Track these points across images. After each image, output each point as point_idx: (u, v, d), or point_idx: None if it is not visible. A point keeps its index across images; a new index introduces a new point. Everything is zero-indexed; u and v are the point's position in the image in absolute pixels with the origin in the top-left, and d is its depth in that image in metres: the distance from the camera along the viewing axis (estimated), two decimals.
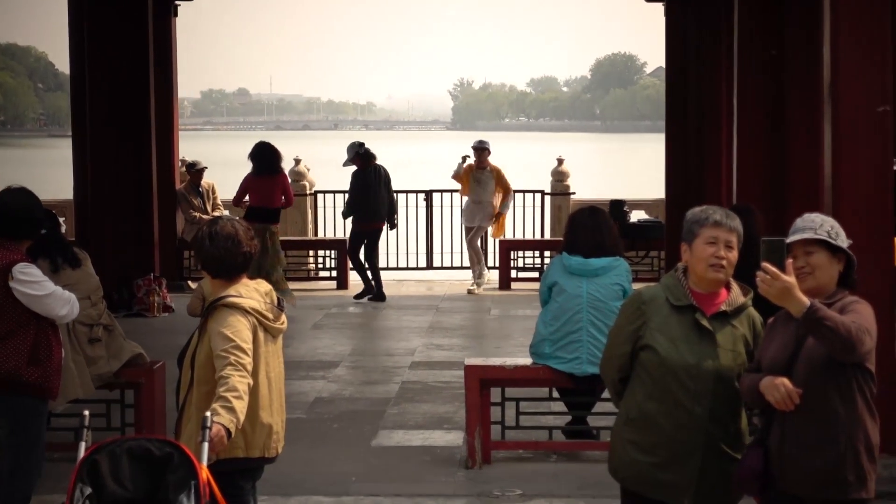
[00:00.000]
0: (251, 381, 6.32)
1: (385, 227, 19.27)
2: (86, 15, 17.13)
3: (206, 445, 5.68)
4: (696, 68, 18.50)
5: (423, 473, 9.64)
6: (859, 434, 5.65)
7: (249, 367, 6.33)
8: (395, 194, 19.62)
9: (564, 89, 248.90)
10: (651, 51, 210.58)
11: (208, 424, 5.73)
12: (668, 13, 19.97)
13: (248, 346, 6.39)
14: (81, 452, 5.48)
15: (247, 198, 17.37)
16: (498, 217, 19.75)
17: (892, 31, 9.52)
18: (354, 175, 18.81)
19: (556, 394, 10.18)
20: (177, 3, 20.70)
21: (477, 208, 19.58)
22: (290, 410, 11.60)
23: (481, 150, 19.69)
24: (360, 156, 18.61)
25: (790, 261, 5.59)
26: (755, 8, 12.91)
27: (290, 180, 18.17)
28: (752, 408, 6.00)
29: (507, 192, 19.90)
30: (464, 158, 19.98)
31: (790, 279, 5.46)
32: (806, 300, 5.42)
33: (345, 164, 18.79)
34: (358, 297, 18.71)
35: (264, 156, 17.17)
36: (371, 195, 18.54)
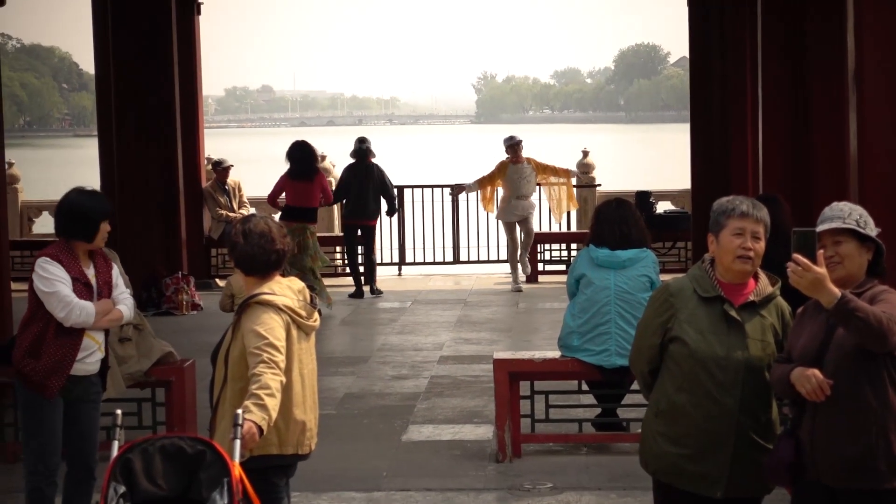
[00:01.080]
0: (284, 379, 6.32)
1: (379, 222, 19.50)
2: (109, 14, 17.18)
3: (237, 443, 5.67)
4: (720, 58, 18.47)
5: (454, 468, 9.65)
6: (891, 423, 5.62)
7: (282, 365, 6.33)
8: (393, 189, 19.53)
9: (588, 81, 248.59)
10: (675, 41, 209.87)
11: (240, 422, 5.72)
12: (691, 3, 19.92)
13: (282, 344, 6.38)
14: (115, 451, 5.47)
15: (282, 196, 17.40)
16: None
17: None
18: (346, 169, 18.94)
19: (585, 386, 10.17)
20: (199, 1, 20.75)
21: (518, 203, 19.09)
22: (321, 406, 11.62)
23: (516, 144, 19.30)
24: (356, 151, 18.77)
25: (821, 251, 5.59)
26: None
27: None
28: (783, 398, 5.99)
29: (560, 171, 19.70)
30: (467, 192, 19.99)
31: (822, 270, 5.44)
32: (837, 291, 5.42)
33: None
34: (352, 296, 18.75)
35: (302, 159, 17.10)
36: (360, 192, 18.57)
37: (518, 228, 19.20)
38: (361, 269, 18.86)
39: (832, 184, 11.01)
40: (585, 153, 22.64)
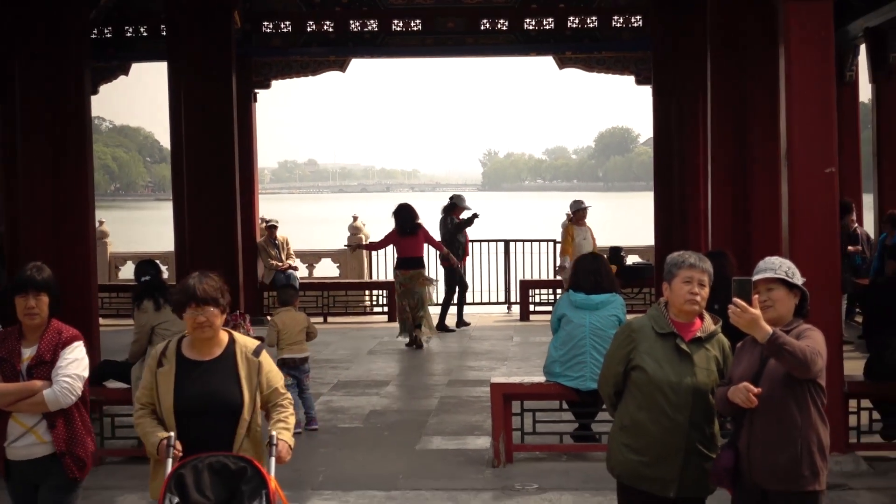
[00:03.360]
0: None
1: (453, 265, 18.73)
2: (182, 101, 17.27)
3: (272, 460, 5.62)
4: (679, 139, 18.47)
5: (458, 471, 9.62)
6: (813, 437, 5.65)
7: None
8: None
9: (573, 156, 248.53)
10: (643, 125, 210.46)
11: (275, 441, 5.64)
12: (654, 94, 19.99)
13: None
14: (169, 468, 5.43)
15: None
16: None
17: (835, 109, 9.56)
18: (445, 221, 18.56)
19: (565, 405, 10.13)
20: (256, 90, 20.87)
21: None
22: (349, 421, 11.78)
23: (584, 210, 18.55)
24: (455, 207, 18.59)
25: (756, 296, 5.64)
26: (724, 90, 12.91)
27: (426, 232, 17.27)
28: (724, 415, 5.99)
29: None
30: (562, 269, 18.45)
31: (756, 312, 5.53)
32: (769, 329, 5.49)
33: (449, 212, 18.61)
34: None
35: (405, 219, 16.75)
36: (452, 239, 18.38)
37: None
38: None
39: (768, 242, 10.99)
40: (569, 216, 22.60)
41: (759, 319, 5.52)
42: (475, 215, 18.76)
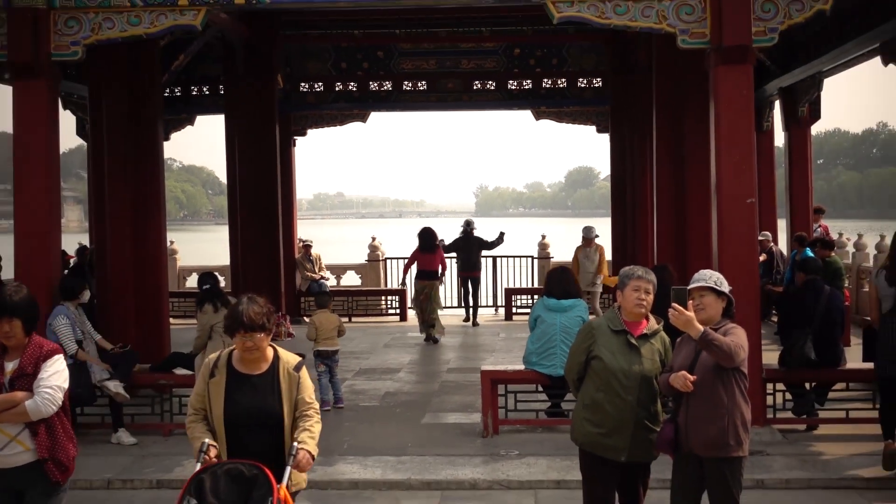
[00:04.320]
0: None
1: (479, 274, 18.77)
2: (236, 146, 17.32)
3: (288, 469, 5.02)
4: (630, 176, 18.52)
5: (455, 441, 9.58)
6: (737, 413, 5.67)
7: None
8: (489, 241, 18.76)
9: (548, 189, 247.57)
10: (603, 165, 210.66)
11: (294, 451, 5.06)
12: (611, 140, 20.07)
13: None
14: (195, 471, 4.95)
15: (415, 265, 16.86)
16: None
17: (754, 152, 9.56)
18: (457, 240, 18.38)
19: (540, 388, 10.10)
20: (295, 137, 20.89)
21: (583, 277, 17.27)
22: (368, 400, 11.75)
23: (590, 236, 17.70)
24: (464, 230, 18.40)
25: (691, 301, 5.65)
26: (666, 137, 12.91)
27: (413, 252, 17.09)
28: (667, 396, 5.99)
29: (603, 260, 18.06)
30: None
31: (691, 314, 5.57)
32: (701, 328, 5.54)
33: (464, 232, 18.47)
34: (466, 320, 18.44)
35: (427, 239, 16.56)
36: (467, 255, 18.20)
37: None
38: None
39: (701, 258, 10.97)
40: (543, 237, 22.56)
41: (693, 320, 5.55)
42: (502, 234, 18.78)
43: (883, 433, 8.76)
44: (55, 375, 5.30)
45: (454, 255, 18.53)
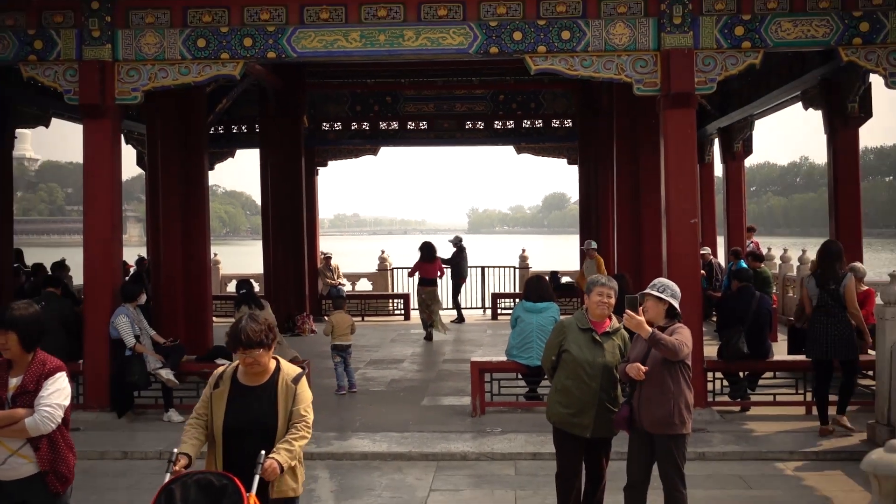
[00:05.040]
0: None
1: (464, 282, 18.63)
2: (269, 174, 17.31)
3: (257, 477, 4.38)
4: (595, 200, 18.52)
5: (448, 420, 9.55)
6: (681, 398, 5.64)
7: None
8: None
9: (528, 211, 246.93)
10: (573, 191, 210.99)
11: (261, 460, 4.41)
12: (579, 170, 20.09)
13: None
14: (164, 480, 4.35)
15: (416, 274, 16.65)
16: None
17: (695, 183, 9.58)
18: (454, 254, 18.14)
19: (520, 376, 10.06)
20: (318, 168, 20.86)
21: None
22: (377, 386, 11.69)
23: (589, 248, 16.71)
24: (456, 244, 18.25)
25: (642, 308, 5.65)
26: (625, 168, 12.92)
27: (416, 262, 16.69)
28: (624, 382, 5.97)
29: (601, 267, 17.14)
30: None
31: (641, 318, 5.57)
32: (649, 329, 5.53)
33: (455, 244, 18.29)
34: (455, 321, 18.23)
35: (429, 251, 16.33)
36: (458, 268, 18.08)
37: None
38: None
39: (654, 268, 10.96)
40: (524, 251, 22.55)
41: (643, 323, 5.56)
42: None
43: (820, 417, 8.77)
44: (56, 393, 4.58)
45: (448, 265, 18.46)
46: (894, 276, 8.31)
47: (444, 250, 18.36)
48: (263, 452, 4.45)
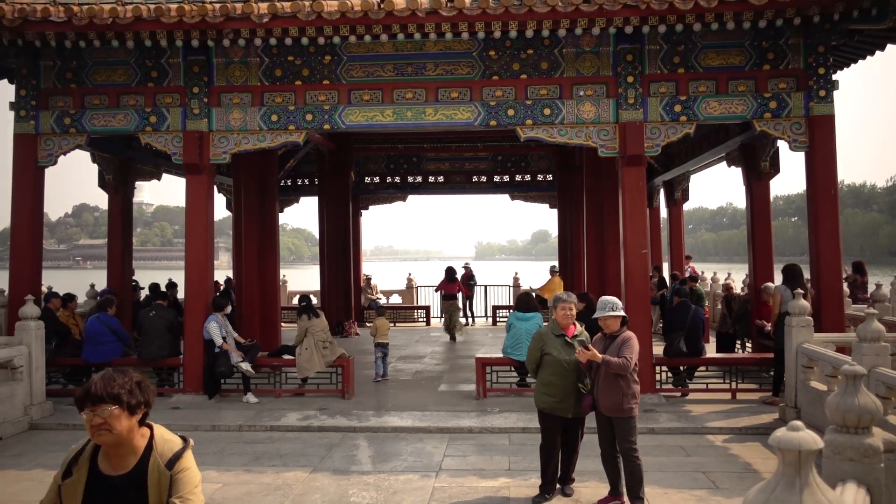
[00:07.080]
0: None
1: (470, 295, 18.64)
2: (325, 216, 17.36)
3: None
4: (570, 235, 18.36)
5: (458, 402, 9.44)
6: (629, 390, 5.57)
7: None
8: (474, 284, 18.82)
9: (520, 243, 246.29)
10: (554, 228, 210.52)
11: None
12: (558, 213, 19.99)
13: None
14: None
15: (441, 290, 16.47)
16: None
17: (647, 221, 9.51)
18: (463, 276, 18.16)
19: (512, 369, 9.96)
20: (361, 211, 20.86)
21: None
22: (405, 375, 11.55)
23: (556, 271, 17.07)
24: (463, 269, 18.18)
25: (590, 343, 5.71)
26: (593, 211, 12.84)
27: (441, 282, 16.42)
28: (588, 374, 5.90)
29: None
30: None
31: (591, 352, 5.56)
32: (600, 357, 5.51)
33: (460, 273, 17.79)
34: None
35: (450, 273, 16.24)
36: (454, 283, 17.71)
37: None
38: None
39: (614, 287, 10.91)
40: (516, 273, 22.46)
41: (595, 355, 5.54)
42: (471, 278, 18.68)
43: (773, 390, 8.77)
44: None
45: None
46: (797, 293, 8.23)
47: (459, 272, 18.30)
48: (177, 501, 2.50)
